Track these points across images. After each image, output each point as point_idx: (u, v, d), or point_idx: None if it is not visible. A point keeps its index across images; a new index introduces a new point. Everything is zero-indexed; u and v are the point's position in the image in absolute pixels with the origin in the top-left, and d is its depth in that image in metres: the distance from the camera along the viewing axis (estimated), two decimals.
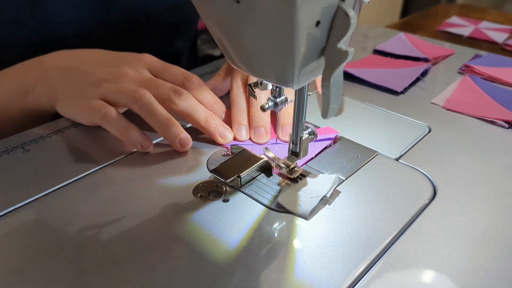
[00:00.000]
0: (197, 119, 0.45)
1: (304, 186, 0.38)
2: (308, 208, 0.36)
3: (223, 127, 0.45)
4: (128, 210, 0.37)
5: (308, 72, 0.31)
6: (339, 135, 0.47)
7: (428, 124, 0.51)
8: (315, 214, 0.37)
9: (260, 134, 0.46)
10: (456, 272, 0.32)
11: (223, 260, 0.32)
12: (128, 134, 0.43)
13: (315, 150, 0.44)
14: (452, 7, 1.22)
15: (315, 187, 0.38)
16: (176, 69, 0.49)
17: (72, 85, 0.46)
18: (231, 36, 0.32)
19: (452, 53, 0.72)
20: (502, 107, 0.54)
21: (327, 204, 0.38)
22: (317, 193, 0.37)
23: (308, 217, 0.36)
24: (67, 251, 0.33)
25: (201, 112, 0.45)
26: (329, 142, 0.45)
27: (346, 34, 0.28)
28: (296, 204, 0.37)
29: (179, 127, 0.43)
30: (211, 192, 0.39)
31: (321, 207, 0.37)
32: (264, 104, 0.38)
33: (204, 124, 0.45)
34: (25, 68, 0.49)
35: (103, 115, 0.43)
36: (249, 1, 0.28)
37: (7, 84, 0.49)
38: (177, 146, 0.43)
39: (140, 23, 0.66)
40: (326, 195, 0.38)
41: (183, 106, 0.45)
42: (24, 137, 0.46)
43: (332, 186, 0.38)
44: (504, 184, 0.41)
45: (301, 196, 0.37)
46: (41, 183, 0.40)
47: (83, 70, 0.48)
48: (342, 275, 0.31)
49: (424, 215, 0.37)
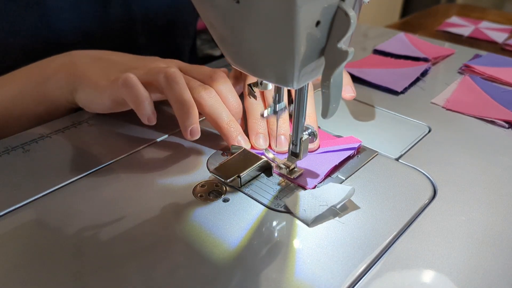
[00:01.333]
0: (221, 120, 0.44)
1: (316, 192, 0.37)
2: (312, 215, 0.35)
3: (241, 135, 0.45)
4: (128, 210, 0.37)
5: (308, 72, 0.31)
6: (362, 145, 0.45)
7: (428, 124, 0.51)
8: (320, 224, 0.36)
9: (281, 142, 0.45)
10: (456, 272, 0.32)
11: (223, 260, 0.32)
12: (143, 104, 0.42)
13: (338, 160, 0.42)
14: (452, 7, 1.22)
15: (326, 195, 0.37)
16: (205, 67, 0.49)
17: (98, 70, 0.46)
18: (231, 36, 0.32)
19: (452, 53, 0.72)
20: (502, 107, 0.54)
21: (337, 216, 0.36)
22: (327, 202, 0.36)
23: (310, 224, 0.35)
24: (67, 251, 0.33)
25: (224, 114, 0.45)
26: (352, 151, 0.44)
27: (346, 34, 0.28)
28: (302, 208, 0.36)
29: (196, 117, 0.42)
30: (211, 192, 0.39)
31: (329, 217, 0.36)
32: (263, 112, 0.39)
33: (226, 126, 0.44)
34: (52, 59, 0.49)
35: (123, 78, 0.42)
36: (249, 1, 0.28)
37: (29, 73, 0.49)
38: (187, 133, 0.42)
39: (139, 23, 0.66)
40: (336, 206, 0.36)
41: (210, 104, 0.44)
42: (24, 137, 0.46)
43: (344, 198, 0.37)
44: (504, 184, 0.41)
45: (309, 201, 0.36)
46: (41, 183, 0.40)
47: (113, 59, 0.47)
48: (342, 275, 0.31)
49: (424, 215, 0.37)
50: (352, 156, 0.44)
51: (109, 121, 0.49)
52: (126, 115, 0.49)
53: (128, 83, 0.42)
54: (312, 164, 0.42)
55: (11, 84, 0.49)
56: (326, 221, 0.36)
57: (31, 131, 0.47)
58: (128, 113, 0.47)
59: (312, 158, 0.43)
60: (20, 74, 0.50)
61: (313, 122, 0.45)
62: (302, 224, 0.36)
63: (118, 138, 0.46)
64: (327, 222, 0.36)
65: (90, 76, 0.46)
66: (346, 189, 0.37)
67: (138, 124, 0.49)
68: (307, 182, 0.40)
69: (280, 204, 0.38)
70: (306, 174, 0.41)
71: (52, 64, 0.48)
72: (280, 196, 0.39)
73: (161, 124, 0.49)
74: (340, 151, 0.44)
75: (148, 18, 0.66)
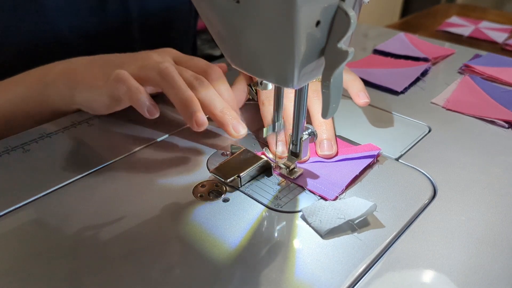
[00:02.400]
0: (214, 107, 0.43)
1: (337, 204, 0.36)
2: (327, 227, 0.34)
3: (237, 121, 0.43)
4: (128, 210, 0.37)
5: (308, 72, 0.31)
6: (381, 152, 0.44)
7: (428, 124, 0.51)
8: (335, 237, 0.34)
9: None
10: (456, 272, 0.32)
11: (223, 260, 0.32)
12: (138, 96, 0.42)
13: (358, 169, 0.41)
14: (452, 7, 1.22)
15: (346, 208, 0.35)
16: (199, 59, 0.49)
17: (95, 70, 0.46)
18: (231, 36, 0.32)
19: (452, 53, 0.72)
20: (502, 107, 0.54)
21: (356, 232, 0.35)
22: (345, 215, 0.35)
23: (324, 236, 0.34)
24: (67, 251, 0.33)
25: (218, 101, 0.44)
26: (372, 159, 0.43)
27: (346, 34, 0.28)
28: (318, 218, 0.35)
29: (198, 105, 0.42)
30: (211, 192, 0.39)
31: (346, 232, 0.35)
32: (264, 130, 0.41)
33: (220, 113, 0.43)
34: (51, 65, 0.50)
35: (115, 75, 0.42)
36: (249, 1, 0.28)
37: (30, 79, 0.49)
38: (193, 124, 0.41)
39: (136, 22, 0.66)
40: (354, 220, 0.35)
41: (203, 93, 0.44)
42: (24, 137, 0.46)
43: (364, 214, 0.35)
44: (504, 184, 0.41)
45: (328, 213, 0.35)
46: (41, 183, 0.40)
47: (108, 58, 0.48)
48: (342, 275, 0.31)
49: (424, 215, 0.37)
50: (371, 165, 0.43)
51: (109, 121, 0.49)
52: (126, 115, 0.49)
53: (120, 78, 0.42)
54: (332, 173, 0.41)
55: (14, 89, 0.50)
56: (342, 235, 0.35)
57: (31, 131, 0.47)
58: (127, 113, 0.47)
59: (331, 167, 0.42)
60: (22, 80, 0.50)
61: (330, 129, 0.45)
62: (302, 224, 0.36)
63: (118, 138, 0.46)
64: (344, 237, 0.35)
65: (88, 78, 0.46)
66: (367, 205, 0.35)
67: (138, 124, 0.49)
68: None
69: (280, 204, 0.38)
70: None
71: (52, 72, 0.49)
72: (280, 196, 0.39)
73: (161, 124, 0.49)
74: (359, 158, 0.42)
75: (145, 18, 0.66)
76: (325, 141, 0.44)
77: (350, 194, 0.39)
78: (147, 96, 0.42)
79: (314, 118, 0.46)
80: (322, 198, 0.38)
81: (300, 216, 0.36)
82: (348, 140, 0.47)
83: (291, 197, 0.39)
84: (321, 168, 0.42)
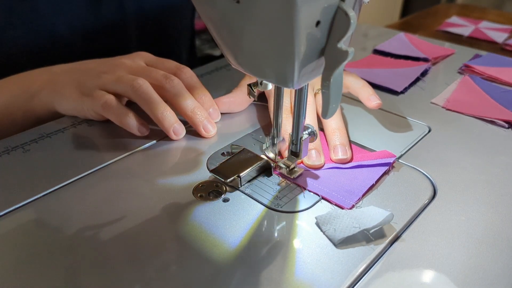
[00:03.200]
0: (184, 108, 0.46)
1: (354, 213, 0.35)
2: (341, 235, 0.33)
3: (207, 121, 0.46)
4: (128, 210, 0.37)
5: (308, 72, 0.31)
6: (396, 159, 0.43)
7: (428, 124, 0.51)
8: (349, 247, 0.34)
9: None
10: (456, 272, 0.32)
11: (223, 260, 0.32)
12: (126, 120, 0.45)
13: (374, 177, 0.40)
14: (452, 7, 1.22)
15: (362, 217, 0.34)
16: (170, 62, 0.51)
17: (75, 82, 0.48)
18: (231, 36, 0.32)
19: (452, 53, 0.72)
20: (502, 107, 0.54)
21: (371, 243, 0.34)
22: (360, 224, 0.34)
23: (337, 245, 0.34)
24: (66, 251, 0.33)
25: (189, 101, 0.46)
26: (387, 167, 0.42)
27: (346, 34, 0.28)
28: (332, 227, 0.34)
29: (174, 117, 0.45)
30: (211, 192, 0.39)
31: (362, 242, 0.34)
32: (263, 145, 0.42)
33: (190, 114, 0.46)
34: (34, 74, 0.51)
35: (103, 103, 0.45)
36: (249, 1, 0.28)
37: (14, 88, 0.50)
38: (171, 134, 0.45)
39: (132, 22, 0.66)
40: (369, 230, 0.34)
41: (173, 93, 0.46)
42: (24, 137, 0.46)
43: (380, 223, 0.34)
44: (504, 184, 0.41)
45: (343, 221, 0.34)
46: (41, 183, 0.40)
47: (85, 67, 0.50)
48: (342, 275, 0.31)
49: (424, 215, 0.37)
50: (387, 172, 0.42)
51: (109, 121, 0.49)
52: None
53: (108, 106, 0.45)
54: (347, 180, 0.40)
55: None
56: (357, 245, 0.34)
57: (31, 131, 0.47)
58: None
59: (347, 173, 0.41)
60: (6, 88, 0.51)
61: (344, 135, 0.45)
62: (302, 224, 0.36)
63: (118, 138, 0.46)
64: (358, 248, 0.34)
65: (69, 91, 0.48)
66: (383, 214, 0.34)
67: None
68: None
69: (280, 204, 0.38)
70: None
71: (35, 83, 0.50)
72: (280, 196, 0.39)
73: None
74: (374, 166, 0.42)
75: (142, 16, 0.66)
76: (339, 146, 0.43)
77: (366, 203, 0.38)
78: (135, 118, 0.45)
79: (327, 126, 0.45)
80: (338, 206, 0.38)
81: (316, 223, 0.36)
82: (355, 143, 0.46)
83: (291, 197, 0.39)
84: (336, 175, 0.41)
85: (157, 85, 0.46)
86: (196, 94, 0.48)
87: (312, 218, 0.36)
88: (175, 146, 0.46)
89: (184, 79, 0.48)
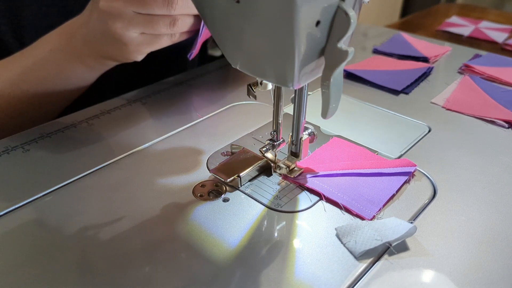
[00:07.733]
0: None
1: (376, 225, 0.34)
2: (362, 248, 0.33)
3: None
4: (128, 210, 0.37)
5: (308, 72, 0.31)
6: (417, 168, 0.42)
7: (428, 124, 0.51)
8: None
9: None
10: (456, 272, 0.32)
11: (223, 260, 0.32)
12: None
13: (395, 187, 0.39)
14: (452, 7, 1.22)
15: (383, 229, 0.34)
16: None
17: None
18: (231, 36, 0.32)
19: (447, 50, 0.72)
20: (502, 107, 0.54)
21: (393, 256, 0.33)
22: (382, 237, 0.33)
23: (358, 257, 0.33)
24: (66, 251, 0.33)
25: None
26: (408, 177, 0.41)
27: (346, 34, 0.28)
28: (353, 239, 0.33)
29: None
30: (211, 192, 0.39)
31: (384, 257, 0.33)
32: (263, 148, 0.40)
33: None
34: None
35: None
36: (249, 1, 0.28)
37: (52, 38, 0.50)
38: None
39: None
40: (391, 242, 0.33)
41: None
42: (24, 137, 0.46)
43: (403, 236, 0.33)
44: (504, 184, 0.41)
45: (365, 233, 0.34)
46: (41, 183, 0.40)
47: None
48: (342, 275, 0.31)
49: (424, 215, 0.37)
50: (408, 181, 0.41)
51: (109, 121, 0.49)
52: (126, 116, 0.49)
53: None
54: (368, 189, 0.39)
55: (42, 49, 0.50)
56: (378, 260, 0.33)
57: (31, 131, 0.47)
58: (127, 114, 0.47)
59: (367, 182, 0.40)
60: (45, 41, 0.50)
61: None
62: (302, 224, 0.36)
63: (118, 138, 0.46)
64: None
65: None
66: (406, 226, 0.33)
67: (138, 124, 0.49)
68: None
69: (280, 204, 0.38)
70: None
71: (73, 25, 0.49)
72: (280, 196, 0.39)
73: (161, 124, 0.49)
74: (394, 175, 0.41)
75: None
76: None
77: (387, 213, 0.37)
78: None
79: None
80: (358, 217, 0.36)
81: (336, 235, 0.35)
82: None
83: (291, 197, 0.39)
84: (355, 182, 0.40)
85: None
86: None
87: (312, 218, 0.36)
88: (175, 145, 0.46)
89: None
